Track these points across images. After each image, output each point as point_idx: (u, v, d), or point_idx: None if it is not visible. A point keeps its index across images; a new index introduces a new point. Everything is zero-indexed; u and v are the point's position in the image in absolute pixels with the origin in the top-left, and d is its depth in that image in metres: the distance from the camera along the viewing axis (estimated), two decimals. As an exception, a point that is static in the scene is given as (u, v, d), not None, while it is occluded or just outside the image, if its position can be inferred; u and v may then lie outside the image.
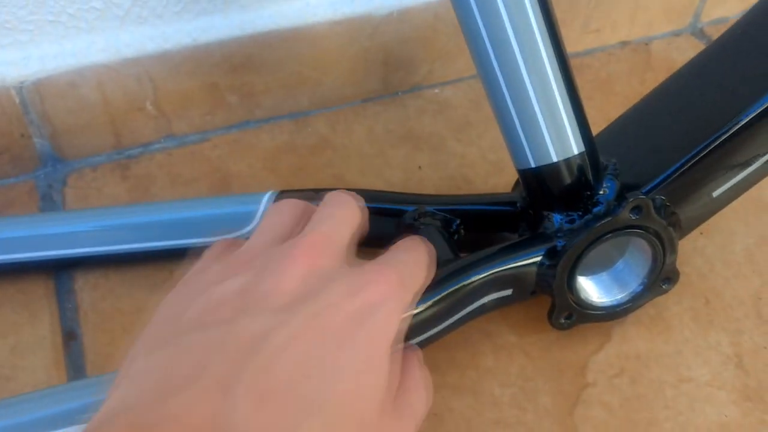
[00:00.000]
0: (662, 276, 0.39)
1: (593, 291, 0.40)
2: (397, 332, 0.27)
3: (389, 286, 0.27)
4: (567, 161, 0.36)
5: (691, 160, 0.37)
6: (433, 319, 0.35)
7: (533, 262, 0.37)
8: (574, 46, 0.62)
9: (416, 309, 0.34)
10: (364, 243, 0.38)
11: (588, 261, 0.37)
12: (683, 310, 0.44)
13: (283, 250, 0.27)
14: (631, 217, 0.36)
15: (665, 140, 0.39)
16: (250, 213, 0.42)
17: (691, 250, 0.47)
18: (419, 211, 0.41)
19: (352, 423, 0.24)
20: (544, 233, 0.38)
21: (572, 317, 0.39)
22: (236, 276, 0.27)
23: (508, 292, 0.38)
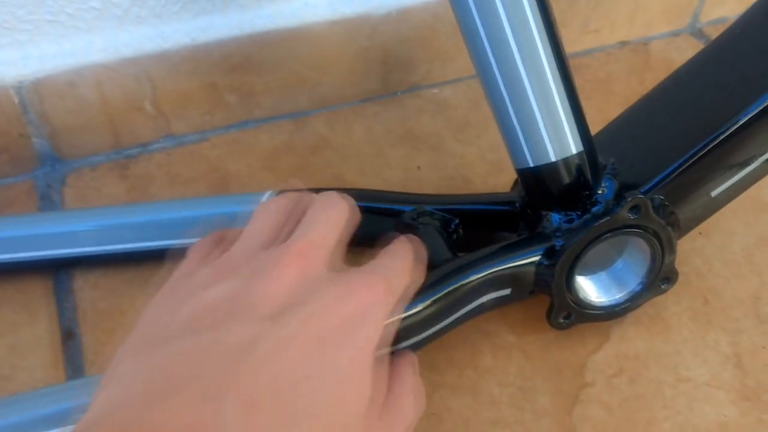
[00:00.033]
0: (661, 276, 0.39)
1: (592, 291, 0.39)
2: (382, 338, 0.28)
3: (375, 295, 0.27)
4: (565, 161, 0.36)
5: (689, 160, 0.37)
6: (431, 318, 0.35)
7: (532, 261, 0.37)
8: (573, 46, 0.62)
9: (415, 308, 0.34)
10: (361, 242, 0.38)
11: (587, 260, 0.37)
12: (682, 310, 0.44)
13: (272, 257, 0.28)
14: (630, 216, 0.36)
15: (664, 140, 0.39)
16: (249, 213, 0.42)
17: (690, 249, 0.47)
18: (418, 211, 0.41)
19: (338, 429, 0.24)
20: (543, 233, 0.38)
21: (571, 317, 0.39)
22: (225, 281, 0.27)
23: (506, 292, 0.38)
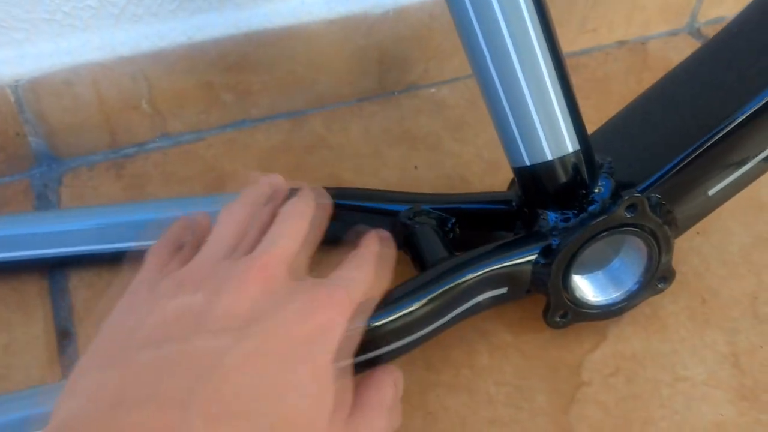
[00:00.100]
0: (658, 275, 0.39)
1: (588, 290, 0.39)
2: (344, 349, 0.28)
3: (336, 309, 0.28)
4: (562, 159, 0.36)
5: (686, 159, 0.37)
6: (428, 316, 0.35)
7: (528, 260, 0.37)
8: (571, 45, 0.62)
9: (412, 307, 0.34)
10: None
11: (583, 259, 0.37)
12: (679, 309, 0.44)
13: (236, 270, 0.28)
14: (626, 215, 0.36)
15: (660, 139, 0.39)
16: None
17: (688, 249, 0.47)
18: (414, 210, 0.41)
19: None
20: (539, 232, 0.37)
21: (567, 316, 0.39)
22: (188, 294, 0.27)
23: (503, 291, 0.38)
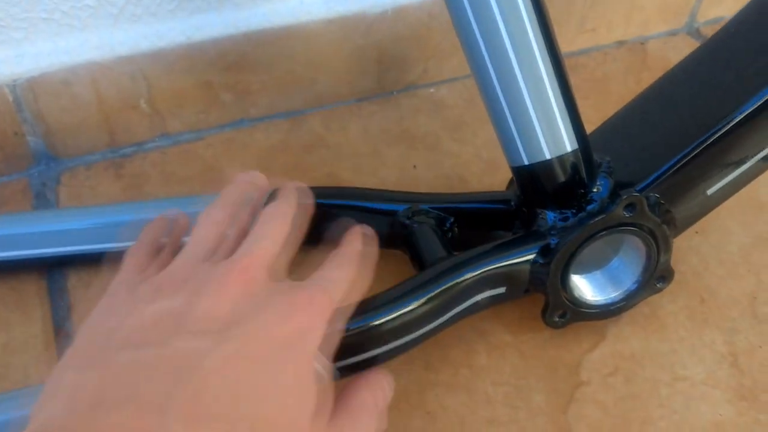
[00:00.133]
0: (657, 274, 0.39)
1: (587, 289, 0.39)
2: (323, 352, 0.28)
3: (316, 311, 0.28)
4: (560, 158, 0.36)
5: (684, 158, 0.37)
6: (426, 316, 0.35)
7: (527, 260, 0.37)
8: (569, 45, 0.62)
9: (410, 306, 0.34)
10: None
11: (582, 259, 0.37)
12: (678, 309, 0.44)
13: (216, 273, 0.28)
14: (625, 214, 0.36)
15: (659, 138, 0.39)
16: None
17: (687, 248, 0.47)
18: (413, 210, 0.41)
19: None
20: (538, 231, 0.37)
21: (566, 316, 0.39)
22: (168, 297, 0.27)
23: (501, 290, 0.37)
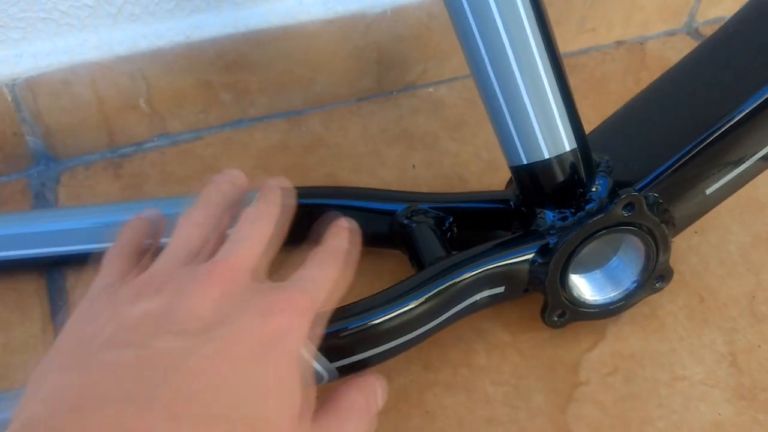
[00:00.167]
0: (656, 274, 0.39)
1: (586, 289, 0.39)
2: (306, 352, 0.28)
3: (297, 314, 0.28)
4: (559, 158, 0.36)
5: (683, 158, 0.37)
6: (425, 315, 0.35)
7: (525, 259, 0.37)
8: (569, 45, 0.61)
9: (409, 306, 0.34)
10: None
11: (581, 258, 0.37)
12: (678, 309, 0.44)
13: (197, 274, 0.28)
14: (624, 214, 0.36)
15: (658, 138, 0.39)
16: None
17: (686, 248, 0.47)
18: (412, 209, 0.41)
19: None
20: (537, 230, 0.37)
21: (565, 315, 0.39)
22: (150, 298, 0.27)
23: (500, 290, 0.37)
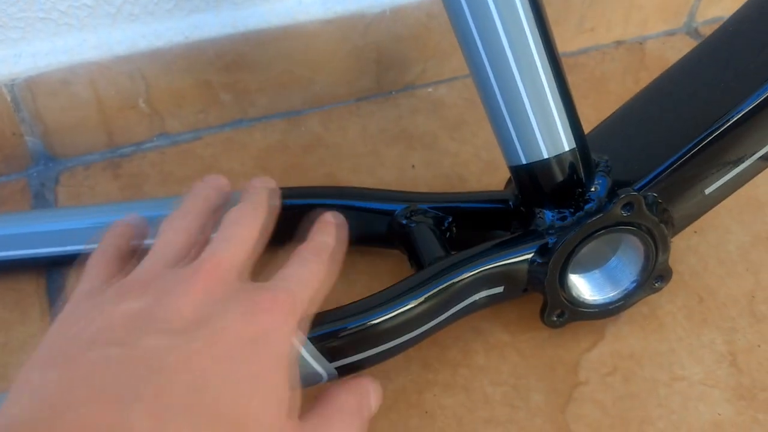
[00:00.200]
0: (655, 274, 0.39)
1: (585, 289, 0.39)
2: (292, 352, 0.28)
3: (281, 313, 0.28)
4: (558, 158, 0.36)
5: (682, 157, 0.37)
6: (424, 315, 0.35)
7: (524, 259, 0.37)
8: (568, 45, 0.62)
9: (407, 306, 0.34)
10: (356, 241, 0.38)
11: (580, 258, 0.37)
12: (677, 309, 0.44)
13: (181, 275, 0.28)
14: (623, 213, 0.36)
15: (657, 137, 0.39)
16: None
17: (685, 248, 0.47)
18: (411, 209, 0.41)
19: None
20: (536, 230, 0.37)
21: (564, 315, 0.39)
22: (135, 298, 0.27)
23: (499, 290, 0.37)
